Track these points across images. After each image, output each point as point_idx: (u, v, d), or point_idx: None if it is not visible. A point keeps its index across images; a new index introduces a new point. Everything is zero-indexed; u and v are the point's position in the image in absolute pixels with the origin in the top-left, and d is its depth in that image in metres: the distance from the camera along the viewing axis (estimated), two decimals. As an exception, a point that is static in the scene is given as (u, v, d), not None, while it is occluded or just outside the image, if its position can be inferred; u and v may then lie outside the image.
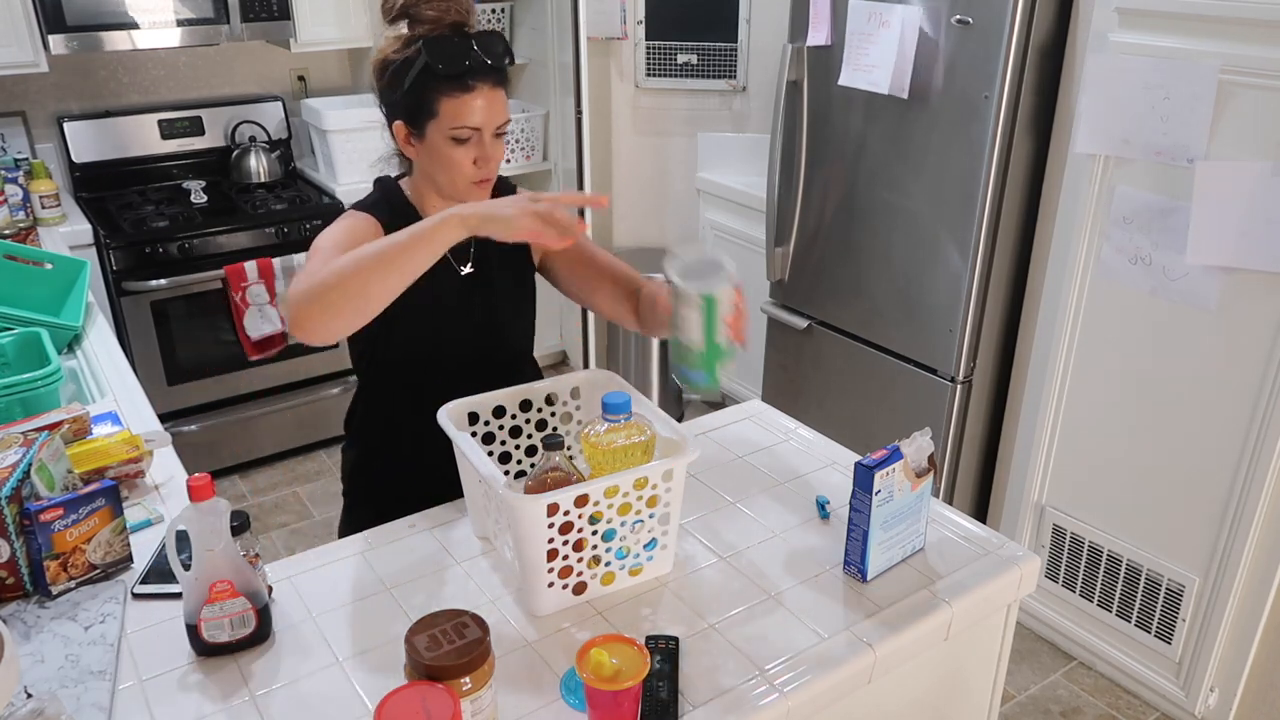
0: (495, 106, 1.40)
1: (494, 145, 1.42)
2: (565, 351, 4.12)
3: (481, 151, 1.41)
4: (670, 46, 3.53)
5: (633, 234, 3.90)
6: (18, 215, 2.81)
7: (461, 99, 1.37)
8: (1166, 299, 2.09)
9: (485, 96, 1.38)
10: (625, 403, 1.27)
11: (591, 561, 1.25)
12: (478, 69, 1.37)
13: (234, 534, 1.15)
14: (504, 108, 1.42)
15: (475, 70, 1.37)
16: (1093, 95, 2.10)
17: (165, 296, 3.03)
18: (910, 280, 2.60)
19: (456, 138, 1.39)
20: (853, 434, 2.77)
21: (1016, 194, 2.42)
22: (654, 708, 1.09)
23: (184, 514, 1.13)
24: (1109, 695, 2.41)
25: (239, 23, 3.12)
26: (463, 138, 1.39)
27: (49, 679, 1.14)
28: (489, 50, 1.38)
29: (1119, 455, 2.27)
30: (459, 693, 0.98)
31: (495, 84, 1.39)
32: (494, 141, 1.42)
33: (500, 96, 1.40)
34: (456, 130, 1.38)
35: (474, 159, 1.41)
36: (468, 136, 1.39)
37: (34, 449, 1.32)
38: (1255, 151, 1.88)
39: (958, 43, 2.33)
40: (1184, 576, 2.19)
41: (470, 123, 1.38)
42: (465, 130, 1.38)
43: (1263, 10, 1.81)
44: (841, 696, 1.19)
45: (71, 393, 1.89)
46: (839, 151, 2.72)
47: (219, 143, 3.48)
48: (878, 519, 1.28)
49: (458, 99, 1.37)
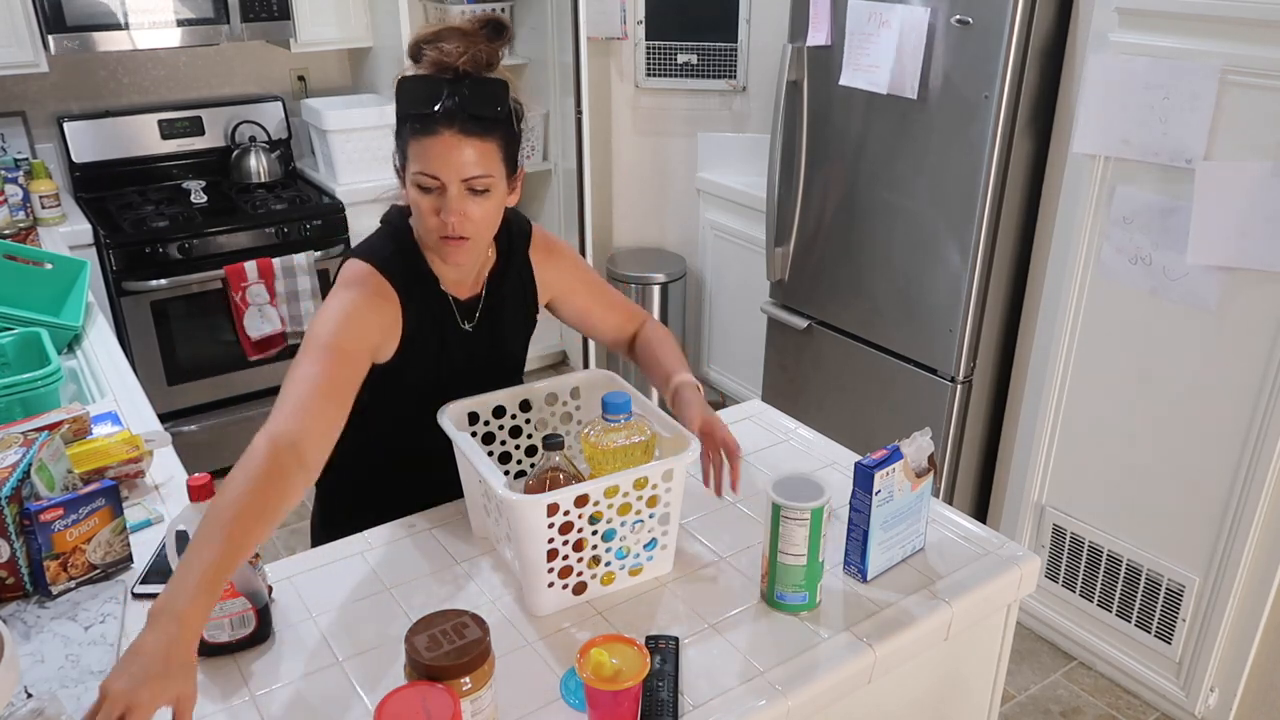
0: (462, 157, 1.27)
1: (464, 199, 1.29)
2: (565, 351, 4.12)
3: (444, 204, 1.29)
4: (670, 46, 3.53)
5: (633, 234, 3.90)
6: (18, 215, 2.81)
7: (423, 142, 1.27)
8: (1166, 299, 2.09)
9: (449, 145, 1.26)
10: (625, 403, 1.27)
11: (591, 561, 1.25)
12: (445, 114, 1.26)
13: None
14: (479, 162, 1.28)
15: (442, 116, 1.26)
16: (1093, 95, 2.10)
17: (165, 296, 3.03)
18: (910, 280, 2.60)
19: (420, 185, 1.29)
20: (853, 434, 2.77)
21: (1016, 194, 2.42)
22: (654, 708, 1.09)
23: (184, 514, 1.13)
24: (1109, 695, 2.41)
25: (239, 23, 3.12)
26: (425, 186, 1.29)
27: (49, 679, 1.14)
28: (472, 98, 1.27)
29: (1119, 455, 2.27)
30: (459, 693, 0.98)
31: (467, 133, 1.26)
32: (464, 196, 1.29)
33: (474, 148, 1.27)
34: (418, 176, 1.29)
35: (436, 210, 1.29)
36: (430, 186, 1.29)
37: (34, 449, 1.32)
38: (1255, 151, 1.88)
39: (958, 43, 2.33)
40: (1184, 576, 2.19)
41: (428, 169, 1.27)
42: (425, 178, 1.28)
43: (1263, 10, 1.81)
44: (841, 696, 1.19)
45: (71, 393, 1.89)
46: (839, 151, 2.72)
47: (219, 143, 3.48)
48: (878, 519, 1.28)
49: (420, 142, 1.27)
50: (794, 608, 1.26)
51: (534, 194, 3.94)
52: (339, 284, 1.36)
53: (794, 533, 1.21)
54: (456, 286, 1.45)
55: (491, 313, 1.48)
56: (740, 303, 3.52)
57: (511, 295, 1.51)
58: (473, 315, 1.47)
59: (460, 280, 1.45)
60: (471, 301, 1.46)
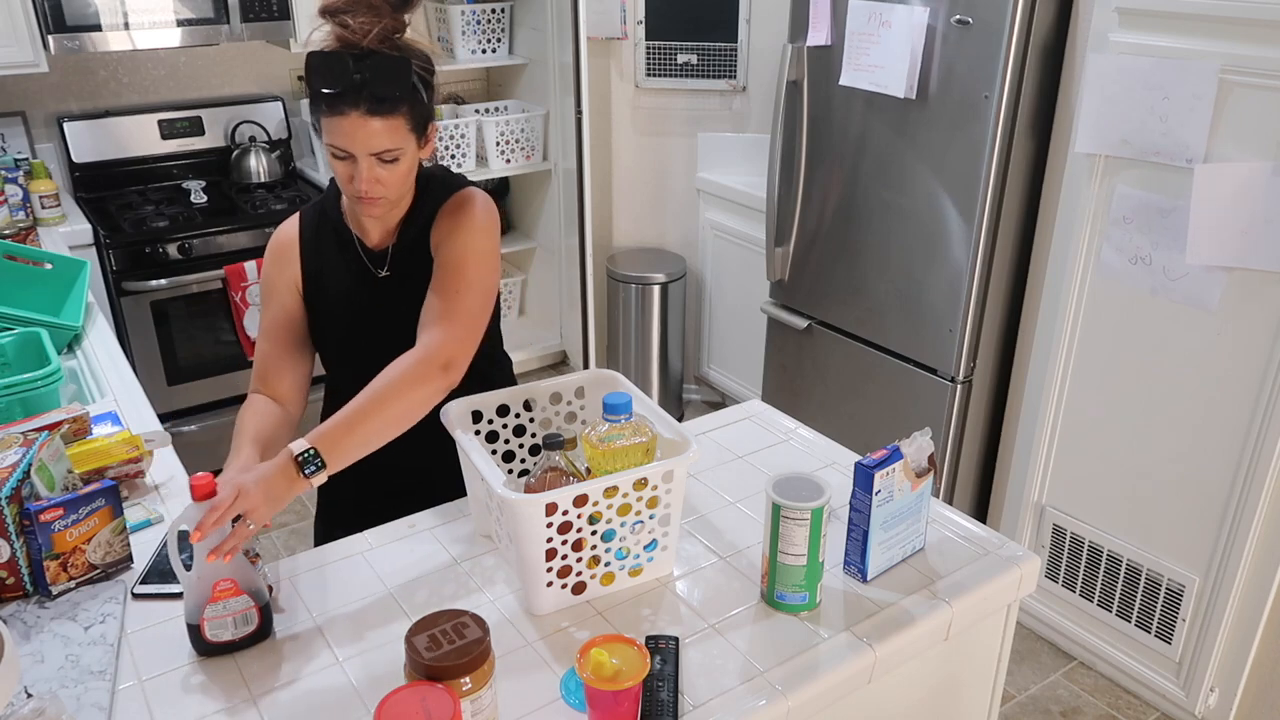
0: (368, 134, 1.34)
1: (374, 168, 1.38)
2: (565, 351, 4.12)
3: (357, 173, 1.38)
4: (670, 46, 3.53)
5: (633, 234, 3.90)
6: (18, 215, 2.81)
7: (333, 121, 1.35)
8: (1166, 299, 2.09)
9: (356, 124, 1.34)
10: (626, 403, 1.27)
11: (591, 561, 1.25)
12: (349, 94, 1.33)
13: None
14: (385, 136, 1.36)
15: (347, 96, 1.33)
16: (1093, 95, 2.10)
17: (165, 296, 3.03)
18: (910, 280, 2.60)
19: (334, 154, 1.38)
20: (853, 434, 2.77)
21: (1016, 194, 2.42)
22: (654, 708, 1.08)
23: (186, 513, 1.13)
24: (1109, 695, 2.41)
25: (239, 23, 3.12)
26: (339, 155, 1.38)
27: (49, 679, 1.14)
28: (375, 79, 1.33)
29: (1119, 455, 2.27)
30: (459, 693, 0.98)
31: (371, 112, 1.33)
32: (375, 165, 1.38)
33: (382, 125, 1.35)
34: (332, 148, 1.38)
35: (350, 176, 1.39)
36: (343, 156, 1.38)
37: (34, 449, 1.32)
38: (1255, 151, 1.88)
39: (958, 43, 2.33)
40: (1184, 576, 2.19)
41: (339, 144, 1.36)
42: (338, 150, 1.37)
43: (1263, 10, 1.81)
44: (841, 696, 1.19)
45: (71, 393, 1.89)
46: (839, 151, 2.72)
47: (219, 143, 3.48)
48: (878, 519, 1.28)
49: (330, 120, 1.35)
50: (794, 608, 1.26)
51: (534, 194, 3.94)
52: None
53: (794, 533, 1.21)
54: (365, 232, 1.54)
55: (400, 257, 1.54)
56: (740, 303, 3.52)
57: (416, 243, 1.54)
58: (384, 261, 1.54)
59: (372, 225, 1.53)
60: (383, 249, 1.55)
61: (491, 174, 3.68)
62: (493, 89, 4.02)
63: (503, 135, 3.63)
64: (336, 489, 1.64)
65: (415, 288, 1.52)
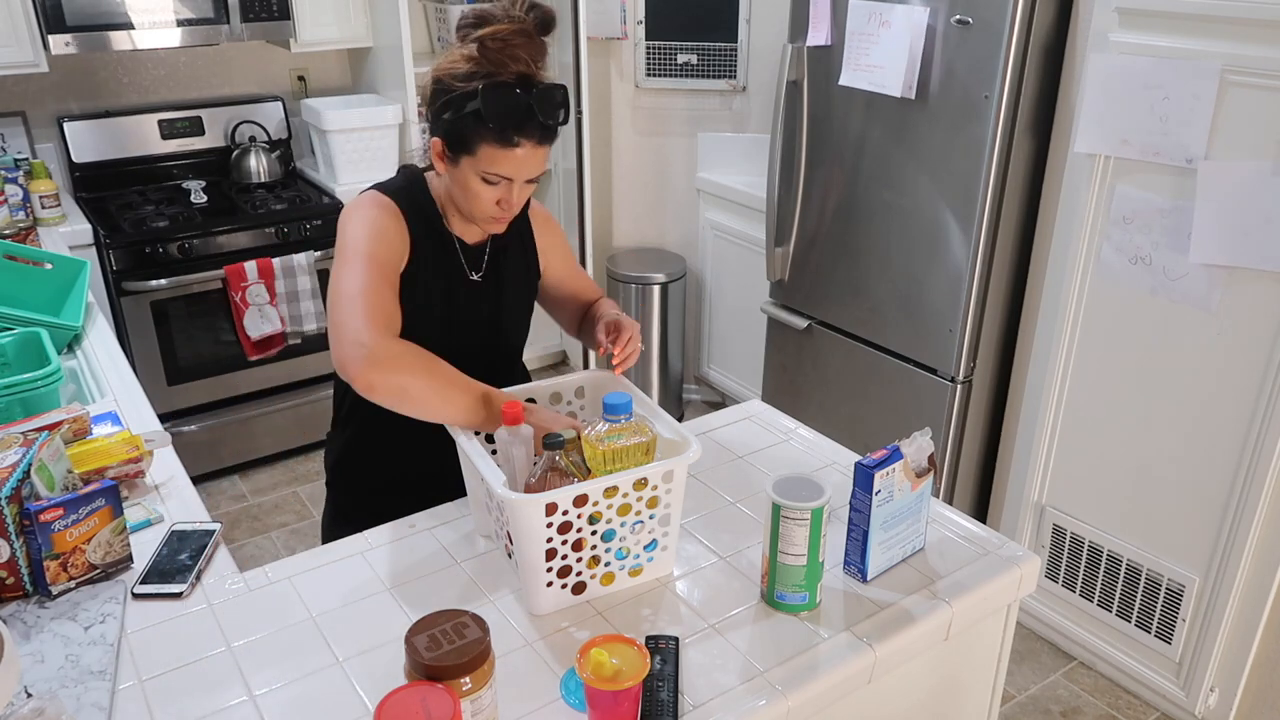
0: (534, 161, 1.40)
1: (522, 191, 1.43)
2: (565, 351, 4.12)
3: (507, 196, 1.42)
4: (670, 46, 3.53)
5: (633, 234, 3.90)
6: (18, 215, 2.81)
7: (503, 151, 1.37)
8: (1166, 299, 2.09)
9: (527, 152, 1.38)
10: (626, 403, 1.27)
11: (591, 561, 1.25)
12: (527, 126, 1.36)
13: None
14: (543, 161, 1.41)
15: (523, 127, 1.36)
16: (1093, 95, 2.10)
17: (165, 296, 3.03)
18: (910, 280, 2.60)
19: (487, 180, 1.40)
20: (853, 434, 2.77)
21: (1016, 194, 2.42)
22: (654, 708, 1.09)
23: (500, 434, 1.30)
24: (1109, 695, 2.41)
25: (239, 23, 3.12)
26: (493, 181, 1.40)
27: (49, 679, 1.14)
28: (546, 108, 1.37)
29: (1119, 455, 2.27)
30: (459, 693, 0.98)
31: (541, 141, 1.38)
32: (523, 188, 1.43)
33: (543, 152, 1.40)
34: (489, 175, 1.39)
35: (498, 200, 1.42)
36: (498, 182, 1.40)
37: (34, 449, 1.32)
38: (1255, 151, 1.88)
39: (958, 43, 2.33)
40: (1184, 576, 2.19)
41: (504, 173, 1.39)
42: (497, 177, 1.39)
43: (1263, 10, 1.81)
44: (841, 696, 1.19)
45: (71, 393, 1.89)
46: (839, 151, 2.72)
47: (219, 143, 3.48)
48: (878, 519, 1.28)
49: (499, 150, 1.37)
50: (794, 608, 1.26)
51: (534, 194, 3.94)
52: (353, 209, 1.46)
53: (794, 533, 1.21)
54: (463, 231, 1.55)
55: (496, 260, 1.58)
56: (740, 303, 3.52)
57: (514, 245, 1.61)
58: (479, 264, 1.56)
59: (468, 226, 1.54)
60: (478, 248, 1.56)
61: (491, 174, 3.67)
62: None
63: (503, 135, 3.62)
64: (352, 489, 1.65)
65: (503, 290, 1.59)
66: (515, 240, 1.61)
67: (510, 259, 1.60)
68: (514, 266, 1.61)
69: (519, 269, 1.62)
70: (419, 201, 1.50)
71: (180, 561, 1.34)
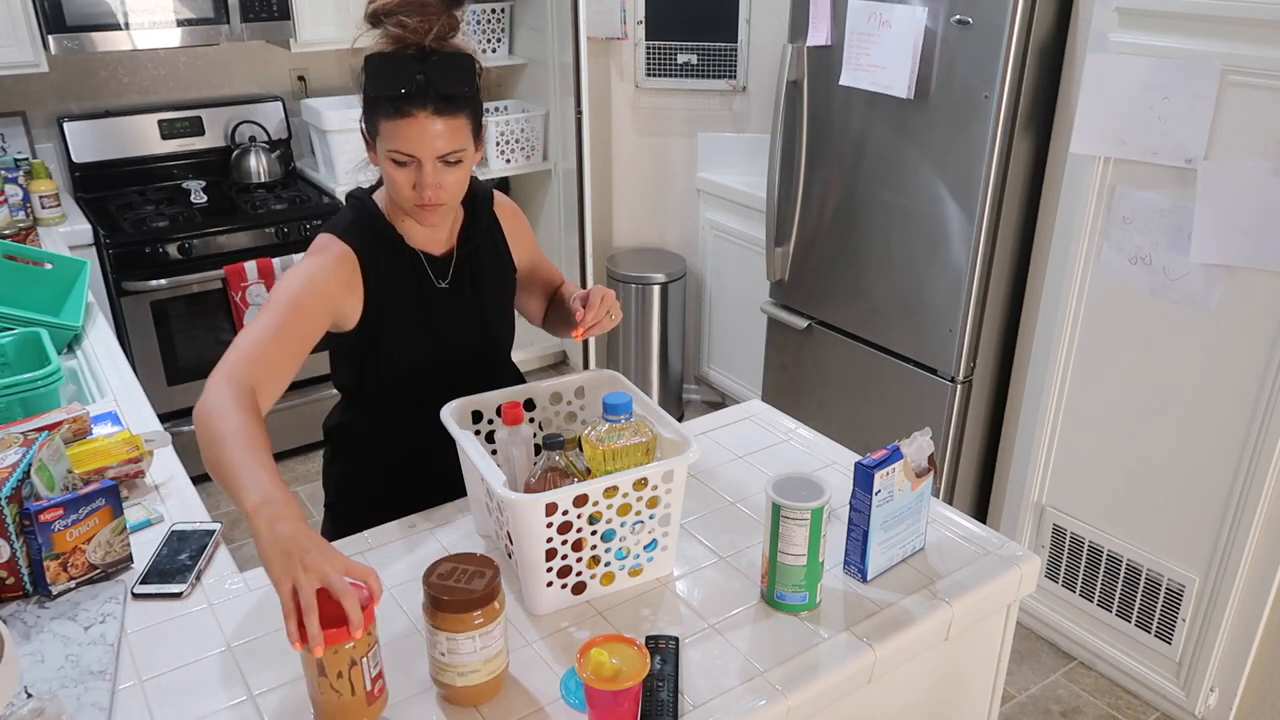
0: (435, 135, 1.32)
1: (439, 172, 1.35)
2: (565, 351, 4.12)
3: (420, 178, 1.35)
4: (670, 46, 3.53)
5: (633, 234, 3.90)
6: (18, 215, 2.81)
7: (396, 123, 1.31)
8: (1166, 299, 2.09)
9: (423, 125, 1.31)
10: (626, 403, 1.27)
11: (591, 561, 1.25)
12: (417, 95, 1.30)
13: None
14: (451, 137, 1.33)
15: (413, 96, 1.30)
16: (1092, 95, 2.10)
17: (165, 296, 3.03)
18: (910, 280, 2.60)
19: (394, 160, 1.35)
20: (853, 434, 2.77)
21: (1016, 194, 2.42)
22: (654, 708, 1.09)
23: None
24: (1109, 695, 2.41)
25: (239, 23, 3.12)
26: (400, 161, 1.34)
27: (49, 679, 1.14)
28: (441, 76, 1.31)
29: (1119, 455, 2.27)
30: (470, 627, 1.03)
31: (438, 113, 1.31)
32: (439, 168, 1.35)
33: (447, 126, 1.32)
34: (393, 154, 1.34)
35: (413, 184, 1.36)
36: (405, 161, 1.34)
37: (34, 449, 1.32)
38: (1255, 151, 1.88)
39: (958, 43, 2.33)
40: (1184, 576, 2.19)
41: (404, 149, 1.33)
42: (401, 155, 1.34)
43: (1263, 10, 1.81)
44: (841, 696, 1.19)
45: (71, 393, 1.89)
46: (839, 151, 2.72)
47: (219, 143, 3.48)
48: (878, 519, 1.28)
49: (393, 123, 1.32)
50: (794, 608, 1.26)
51: (534, 194, 3.94)
52: (305, 256, 1.44)
53: (794, 533, 1.21)
54: (428, 244, 1.51)
55: (466, 265, 1.54)
56: (740, 303, 3.52)
57: (485, 248, 1.57)
58: (447, 272, 1.52)
59: (432, 237, 1.51)
60: (445, 258, 1.53)
61: (492, 174, 3.67)
62: (493, 89, 4.02)
63: (503, 135, 3.63)
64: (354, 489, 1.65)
65: (480, 291, 1.57)
66: (485, 239, 1.57)
67: (483, 259, 1.57)
68: (488, 266, 1.58)
69: (493, 267, 1.59)
70: (371, 228, 1.45)
71: (180, 561, 1.34)
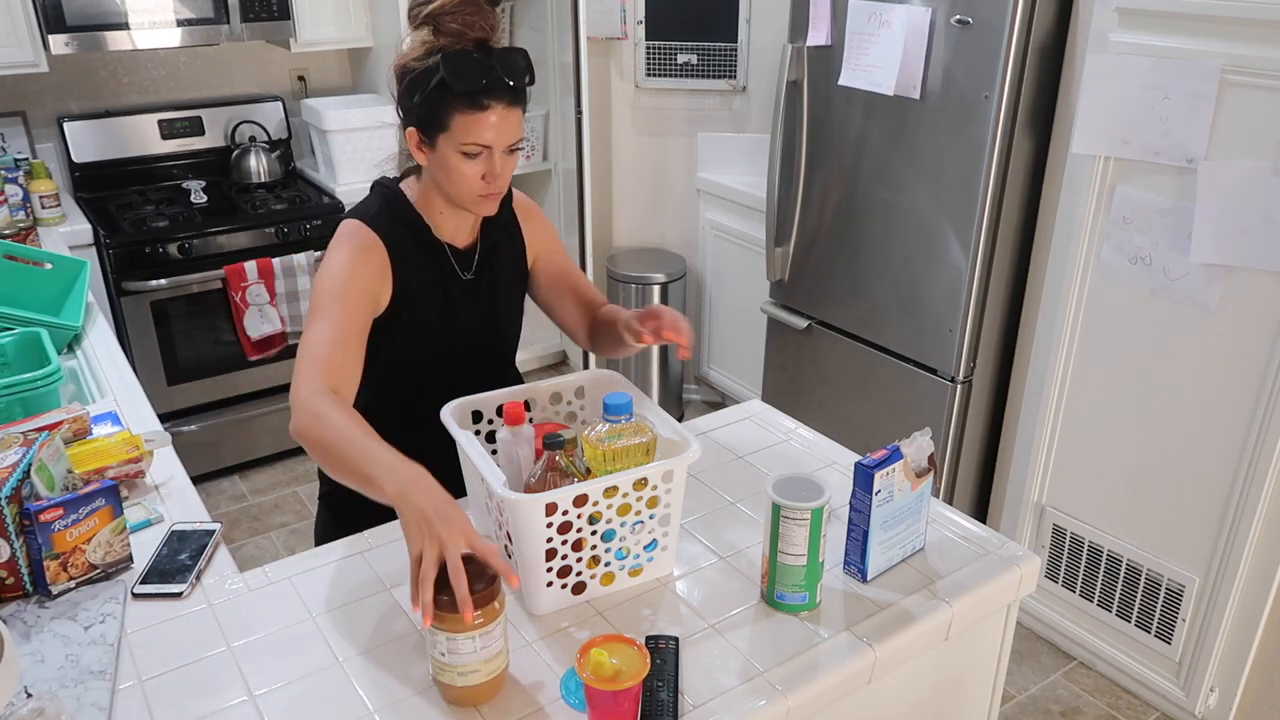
0: (509, 125, 1.39)
1: (504, 161, 1.42)
2: (565, 351, 4.12)
3: (490, 168, 1.41)
4: (670, 46, 3.53)
5: (633, 234, 3.90)
6: (18, 215, 2.81)
7: (474, 116, 1.36)
8: (1166, 299, 2.09)
9: (499, 115, 1.37)
10: (626, 403, 1.27)
11: (591, 561, 1.25)
12: (494, 88, 1.36)
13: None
14: (518, 126, 1.41)
15: (491, 89, 1.36)
16: (1092, 95, 2.10)
17: (165, 296, 3.03)
18: (910, 280, 2.60)
19: (466, 153, 1.39)
20: (853, 434, 2.77)
21: (1016, 194, 2.42)
22: (654, 708, 1.09)
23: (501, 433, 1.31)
24: (1109, 695, 2.41)
25: (239, 23, 3.12)
26: (473, 153, 1.39)
27: (49, 679, 1.14)
28: (509, 69, 1.37)
29: (1119, 455, 2.27)
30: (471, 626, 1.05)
31: (511, 103, 1.38)
32: (505, 158, 1.42)
33: (515, 115, 1.40)
34: (466, 146, 1.38)
35: (482, 174, 1.41)
36: (478, 153, 1.39)
37: (34, 449, 1.32)
38: (1255, 151, 1.88)
39: (958, 43, 2.33)
40: (1184, 576, 2.19)
41: (482, 140, 1.38)
42: (475, 147, 1.39)
43: (1263, 10, 1.81)
44: (841, 696, 1.19)
45: (71, 393, 1.89)
46: (839, 151, 2.72)
47: (219, 143, 3.48)
48: (878, 519, 1.28)
49: (470, 116, 1.36)
50: (794, 608, 1.26)
51: (534, 194, 3.94)
52: (331, 245, 1.47)
53: (794, 533, 1.21)
54: (454, 237, 1.55)
55: (488, 258, 1.59)
56: (740, 303, 3.52)
57: (503, 243, 1.62)
58: (470, 264, 1.57)
59: (458, 230, 1.55)
60: (469, 250, 1.57)
61: (491, 174, 3.67)
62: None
63: (503, 135, 3.62)
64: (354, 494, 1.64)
65: (496, 288, 1.60)
66: (503, 237, 1.62)
67: (500, 256, 1.61)
68: (505, 260, 1.62)
69: (509, 262, 1.63)
70: (400, 217, 1.50)
71: (180, 561, 1.34)
